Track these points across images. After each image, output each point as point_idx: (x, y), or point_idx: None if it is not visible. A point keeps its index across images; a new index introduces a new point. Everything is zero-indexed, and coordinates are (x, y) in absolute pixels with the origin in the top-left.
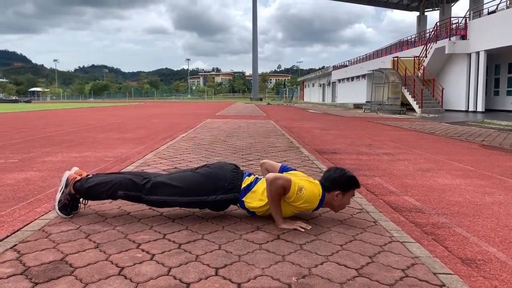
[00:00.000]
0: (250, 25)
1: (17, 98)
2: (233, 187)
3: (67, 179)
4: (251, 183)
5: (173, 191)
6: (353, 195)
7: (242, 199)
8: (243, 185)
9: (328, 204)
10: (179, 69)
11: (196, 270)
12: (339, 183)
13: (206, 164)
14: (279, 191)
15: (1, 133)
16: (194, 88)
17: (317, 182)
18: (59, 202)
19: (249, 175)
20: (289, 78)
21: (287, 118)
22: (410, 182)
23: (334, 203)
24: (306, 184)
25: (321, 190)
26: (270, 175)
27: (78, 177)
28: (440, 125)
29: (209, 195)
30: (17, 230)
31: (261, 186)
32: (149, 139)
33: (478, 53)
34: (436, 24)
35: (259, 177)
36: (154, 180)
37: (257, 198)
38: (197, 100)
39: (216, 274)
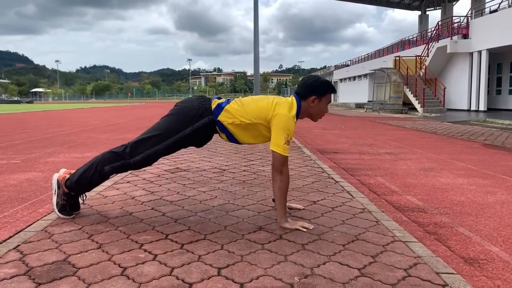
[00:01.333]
0: (251, 25)
1: (19, 98)
2: (203, 111)
3: (58, 181)
4: (221, 103)
5: (152, 141)
6: (330, 101)
7: (218, 119)
8: (213, 106)
9: (306, 114)
10: (180, 69)
11: (199, 270)
12: (313, 88)
13: (175, 104)
14: (288, 177)
15: (4, 134)
16: (195, 88)
17: (289, 98)
18: (56, 204)
19: (219, 98)
20: (291, 78)
21: None
22: (412, 181)
23: (311, 111)
24: (281, 127)
25: (295, 105)
26: (274, 173)
27: (67, 176)
28: (442, 124)
29: (185, 128)
30: (20, 231)
31: (234, 105)
32: None
33: (480, 52)
34: (437, 23)
35: (230, 99)
36: (131, 142)
37: (232, 117)
38: None
39: (219, 274)
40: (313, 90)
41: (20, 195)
